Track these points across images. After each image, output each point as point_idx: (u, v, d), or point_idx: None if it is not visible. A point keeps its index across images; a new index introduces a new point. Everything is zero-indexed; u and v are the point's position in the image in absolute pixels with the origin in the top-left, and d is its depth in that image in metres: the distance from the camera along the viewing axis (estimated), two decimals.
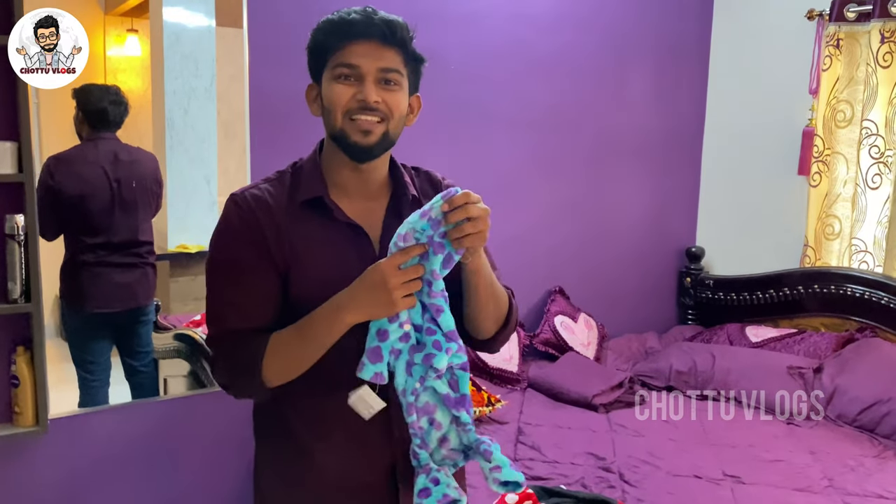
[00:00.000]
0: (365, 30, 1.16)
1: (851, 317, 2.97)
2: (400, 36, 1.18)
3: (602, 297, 3.28)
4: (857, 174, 2.94)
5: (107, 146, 2.26)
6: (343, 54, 1.17)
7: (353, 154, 1.19)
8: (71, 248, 2.24)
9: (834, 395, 2.57)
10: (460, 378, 1.15)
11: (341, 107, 1.17)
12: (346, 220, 1.20)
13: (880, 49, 2.84)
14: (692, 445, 2.33)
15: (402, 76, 1.20)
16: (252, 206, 1.18)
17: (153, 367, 2.46)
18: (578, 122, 3.14)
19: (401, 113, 1.20)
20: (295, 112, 2.47)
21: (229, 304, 1.18)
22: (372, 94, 1.16)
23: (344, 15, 1.18)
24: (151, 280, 2.38)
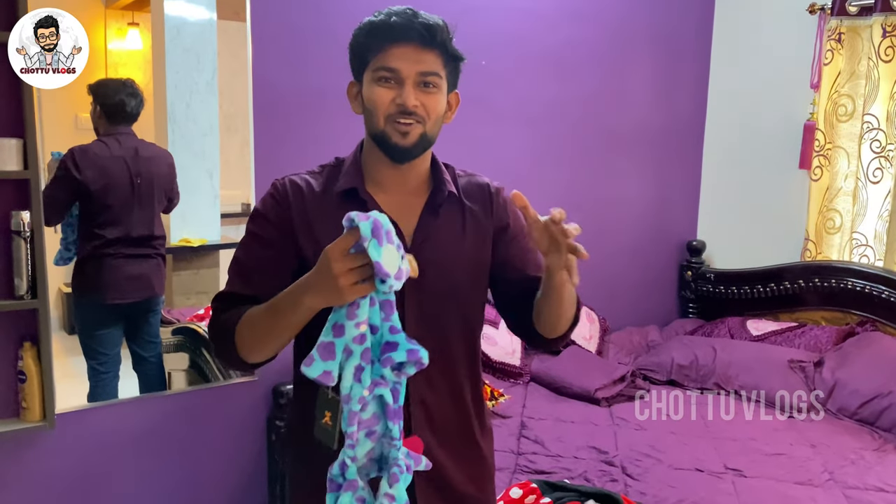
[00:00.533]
0: (405, 33, 1.19)
1: (852, 310, 2.98)
2: (440, 39, 1.20)
3: (604, 290, 3.29)
4: (858, 168, 2.95)
5: (128, 142, 2.29)
6: (383, 57, 1.20)
7: (393, 155, 1.22)
8: (88, 240, 2.26)
9: (834, 389, 2.59)
10: (401, 388, 1.07)
11: (382, 110, 1.20)
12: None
13: (882, 43, 2.85)
14: (693, 439, 2.34)
15: (440, 78, 1.22)
16: (287, 191, 1.25)
17: (161, 358, 2.48)
18: (579, 115, 3.14)
19: (438, 114, 1.23)
20: (298, 105, 2.48)
21: (237, 270, 1.25)
22: (411, 98, 1.19)
23: (385, 17, 1.21)
24: (163, 270, 2.43)
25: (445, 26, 1.22)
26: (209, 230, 2.52)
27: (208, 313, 2.54)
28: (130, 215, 2.32)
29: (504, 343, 2.78)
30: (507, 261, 1.31)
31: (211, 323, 1.23)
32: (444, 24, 1.22)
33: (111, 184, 2.28)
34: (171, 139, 2.37)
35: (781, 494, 2.00)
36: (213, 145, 2.49)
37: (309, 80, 2.47)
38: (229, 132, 2.49)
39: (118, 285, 2.36)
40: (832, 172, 3.04)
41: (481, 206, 1.31)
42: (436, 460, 1.22)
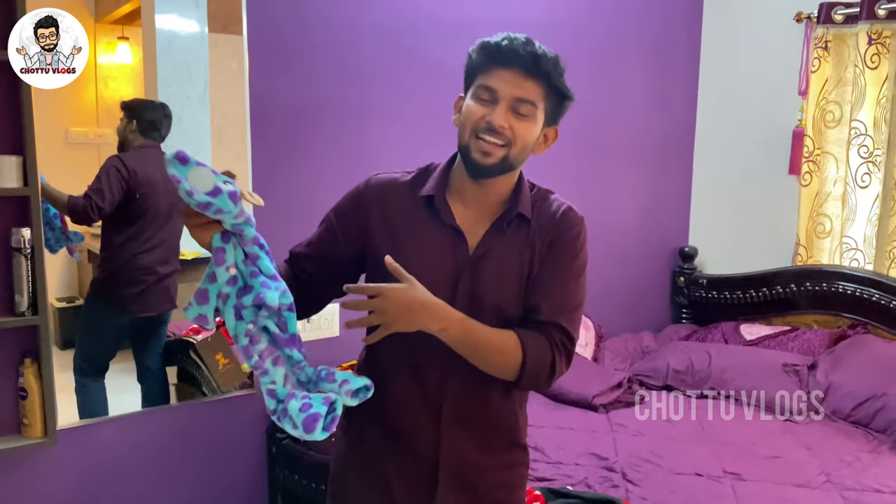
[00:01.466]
0: (510, 57, 1.25)
1: (843, 314, 3.02)
2: (544, 69, 1.26)
3: (598, 297, 3.31)
4: (847, 173, 3.00)
5: (160, 155, 2.32)
6: (487, 77, 1.27)
7: (471, 170, 1.29)
8: (126, 250, 2.32)
9: (828, 392, 2.62)
10: (288, 319, 1.18)
11: (471, 124, 1.27)
12: (450, 223, 1.31)
13: (868, 51, 2.90)
14: (692, 444, 2.37)
15: (535, 108, 1.27)
16: (372, 187, 1.37)
17: (164, 370, 2.49)
18: (573, 126, 3.16)
19: (526, 142, 1.28)
20: (294, 117, 2.50)
21: (309, 240, 1.41)
22: (500, 118, 1.24)
23: (499, 40, 1.27)
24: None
25: (555, 59, 1.28)
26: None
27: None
28: (166, 227, 2.37)
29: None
30: (532, 281, 1.33)
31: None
32: (553, 57, 1.28)
33: (153, 192, 2.32)
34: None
35: (780, 497, 2.03)
36: (206, 159, 2.42)
37: (305, 91, 2.49)
38: (220, 145, 2.49)
39: (146, 298, 2.40)
40: (821, 178, 3.09)
41: (548, 228, 1.35)
42: (468, 462, 1.33)
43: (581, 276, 1.35)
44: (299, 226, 2.49)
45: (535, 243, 1.33)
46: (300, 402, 1.15)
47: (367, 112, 2.59)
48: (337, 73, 2.54)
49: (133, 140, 2.28)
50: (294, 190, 2.49)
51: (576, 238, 1.34)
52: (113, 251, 2.33)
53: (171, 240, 2.41)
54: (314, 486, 2.26)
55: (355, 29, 2.56)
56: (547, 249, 1.33)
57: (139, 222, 2.33)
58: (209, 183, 1.10)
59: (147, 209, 2.33)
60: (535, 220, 1.34)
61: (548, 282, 1.31)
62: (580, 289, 1.35)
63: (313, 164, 2.52)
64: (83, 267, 2.35)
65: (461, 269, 1.30)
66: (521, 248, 1.32)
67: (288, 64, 2.46)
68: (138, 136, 2.28)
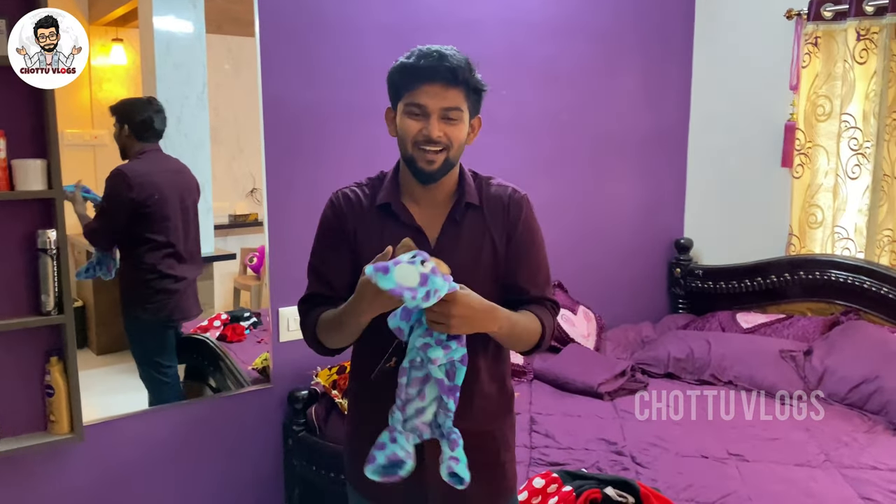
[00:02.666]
0: (431, 75, 1.38)
1: (836, 301, 3.12)
2: (462, 78, 1.39)
3: (598, 290, 3.41)
4: (838, 165, 3.09)
5: (162, 158, 2.36)
6: (413, 94, 1.40)
7: (420, 178, 1.44)
8: (147, 261, 2.36)
9: (824, 376, 2.72)
10: (458, 370, 1.29)
11: (410, 138, 1.41)
12: (410, 224, 1.45)
13: (856, 46, 2.99)
14: (696, 428, 2.45)
15: (462, 111, 1.42)
16: (342, 204, 1.50)
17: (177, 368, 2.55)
18: (571, 123, 3.25)
19: (460, 141, 1.44)
20: (307, 118, 2.54)
21: (317, 277, 1.51)
22: (435, 130, 1.39)
23: (416, 60, 1.39)
24: None
25: (468, 65, 1.41)
26: (204, 242, 2.57)
27: (212, 324, 2.69)
28: (185, 232, 2.41)
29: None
30: (505, 265, 1.49)
31: (301, 323, 1.51)
32: (466, 64, 1.41)
33: (165, 201, 2.35)
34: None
35: (783, 476, 2.12)
36: (205, 158, 2.54)
37: (316, 91, 2.54)
38: (216, 144, 2.54)
39: (184, 306, 2.50)
40: (813, 170, 3.18)
41: (500, 213, 1.49)
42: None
43: (543, 247, 1.55)
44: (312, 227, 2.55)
45: (489, 228, 1.48)
46: (385, 438, 1.31)
47: (378, 112, 2.62)
48: (348, 73, 2.59)
49: (131, 145, 2.31)
50: (307, 192, 2.53)
51: (529, 218, 1.52)
52: (138, 265, 2.37)
53: (192, 239, 2.45)
54: (332, 476, 2.33)
55: (365, 27, 2.61)
56: (509, 236, 1.49)
57: (159, 231, 2.37)
58: (414, 275, 1.18)
59: (161, 215, 2.36)
60: (486, 206, 1.49)
61: (525, 265, 1.50)
62: (546, 258, 1.55)
63: (326, 166, 2.57)
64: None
65: None
66: (478, 233, 1.48)
67: (300, 65, 2.50)
68: (135, 141, 2.31)
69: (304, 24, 2.50)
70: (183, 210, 2.42)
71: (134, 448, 2.32)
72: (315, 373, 2.56)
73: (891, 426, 2.46)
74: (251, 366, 2.64)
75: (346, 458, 1.63)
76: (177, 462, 2.41)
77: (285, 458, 2.59)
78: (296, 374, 2.58)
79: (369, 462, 1.31)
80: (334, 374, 2.51)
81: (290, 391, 2.53)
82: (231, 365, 2.65)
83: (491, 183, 1.54)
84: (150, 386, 2.44)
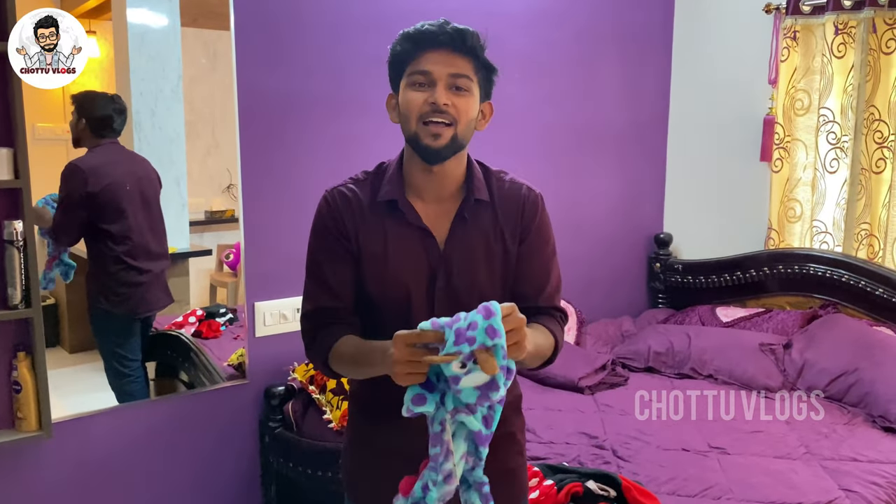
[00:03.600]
0: (437, 38, 1.26)
1: (814, 295, 3.12)
2: (470, 44, 1.28)
3: (578, 284, 3.38)
4: (816, 159, 3.10)
5: (118, 150, 2.30)
6: (417, 62, 1.28)
7: (425, 156, 1.29)
8: (110, 255, 2.31)
9: (803, 369, 2.72)
10: (496, 413, 1.13)
11: (415, 111, 1.27)
12: (416, 224, 1.32)
13: (834, 40, 3.00)
14: (676, 421, 2.44)
15: (472, 82, 1.29)
16: (339, 204, 1.34)
17: (144, 365, 2.50)
18: (548, 115, 3.23)
19: (469, 117, 1.29)
20: (282, 109, 2.50)
21: (320, 286, 1.34)
22: (442, 96, 1.25)
23: (419, 27, 1.28)
24: None
25: (477, 35, 1.30)
26: (178, 238, 2.54)
27: (186, 320, 2.64)
28: (147, 224, 2.36)
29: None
30: (515, 270, 1.38)
31: (307, 344, 1.36)
32: (475, 32, 1.30)
33: (122, 193, 2.30)
34: (137, 147, 2.37)
35: (764, 469, 2.11)
36: (180, 152, 2.50)
37: (293, 84, 2.49)
38: (191, 139, 2.51)
39: (149, 298, 2.44)
40: (791, 164, 3.19)
41: (514, 212, 1.37)
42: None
43: (555, 253, 1.43)
44: (288, 220, 2.54)
45: (502, 228, 1.36)
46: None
47: (355, 104, 2.61)
48: (325, 65, 2.55)
49: (86, 138, 2.26)
50: (283, 185, 2.50)
51: (544, 221, 1.41)
52: (101, 257, 2.33)
53: (155, 230, 2.40)
54: (309, 473, 2.29)
55: (342, 18, 2.57)
56: (521, 238, 1.37)
57: (116, 223, 2.32)
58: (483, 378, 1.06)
59: (117, 208, 2.31)
60: (499, 204, 1.37)
61: (536, 271, 1.38)
62: (557, 265, 1.43)
63: (302, 158, 2.53)
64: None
65: (435, 266, 1.33)
66: (488, 233, 1.35)
67: (276, 56, 2.46)
68: (90, 136, 2.26)
69: (280, 13, 2.45)
70: (144, 202, 2.36)
71: (105, 446, 2.27)
72: (292, 368, 2.51)
73: (869, 418, 2.47)
74: (227, 362, 2.59)
75: (346, 475, 1.50)
76: (149, 460, 2.35)
77: (262, 455, 2.55)
78: (272, 370, 2.54)
79: None
80: (311, 370, 2.47)
81: (267, 387, 2.48)
82: (206, 361, 2.60)
83: (504, 178, 1.40)
84: (112, 380, 2.39)
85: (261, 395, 2.52)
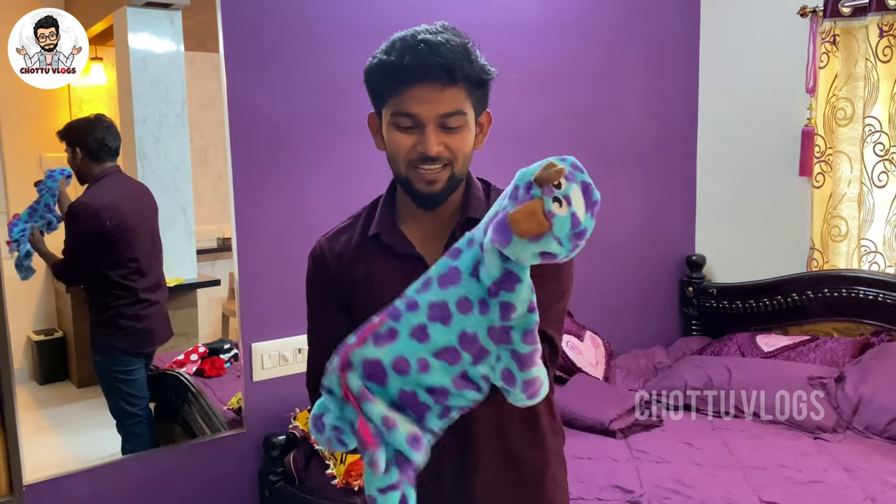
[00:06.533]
0: (421, 75, 1.06)
1: (864, 320, 2.87)
2: (462, 73, 1.08)
3: (604, 312, 3.15)
4: (862, 173, 2.85)
5: (123, 181, 2.24)
6: (400, 101, 1.10)
7: (420, 202, 1.15)
8: (116, 290, 2.23)
9: (859, 406, 2.46)
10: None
11: (403, 155, 1.12)
12: (408, 252, 1.17)
13: (879, 43, 2.76)
14: (720, 469, 2.19)
15: (465, 114, 1.11)
16: (326, 257, 1.24)
17: (150, 411, 2.36)
18: (570, 132, 3.01)
19: (466, 152, 1.14)
20: (275, 132, 2.32)
21: (318, 347, 1.22)
22: (433, 145, 1.09)
23: (397, 58, 1.07)
24: None
25: (466, 53, 1.09)
26: (185, 269, 2.44)
27: (188, 358, 2.49)
28: (153, 255, 2.28)
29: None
30: None
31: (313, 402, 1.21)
32: (464, 52, 1.09)
33: (133, 227, 2.24)
34: (141, 175, 2.29)
35: None
36: (186, 180, 2.42)
37: (289, 105, 2.32)
38: (201, 165, 2.42)
39: (154, 333, 2.35)
40: (834, 178, 2.94)
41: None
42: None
43: (568, 279, 1.24)
44: (287, 253, 2.36)
45: None
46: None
47: (353, 124, 2.41)
48: (321, 84, 2.37)
49: (88, 169, 2.18)
50: (277, 210, 2.32)
51: None
52: (106, 290, 2.23)
53: (159, 260, 2.33)
54: None
55: (339, 35, 2.39)
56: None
57: (126, 256, 2.24)
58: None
59: (129, 242, 2.25)
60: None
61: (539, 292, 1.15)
62: (566, 293, 1.24)
63: (297, 183, 2.35)
64: (61, 297, 2.25)
65: None
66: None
67: (269, 77, 2.29)
68: (91, 164, 2.18)
69: (272, 30, 2.28)
70: (150, 233, 2.30)
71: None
72: (293, 415, 2.31)
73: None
74: (227, 405, 2.42)
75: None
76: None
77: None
78: (272, 417, 2.33)
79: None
80: None
81: (266, 436, 2.27)
82: (206, 404, 2.44)
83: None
84: (119, 421, 2.26)
85: (260, 445, 2.31)
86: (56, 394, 2.07)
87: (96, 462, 2.13)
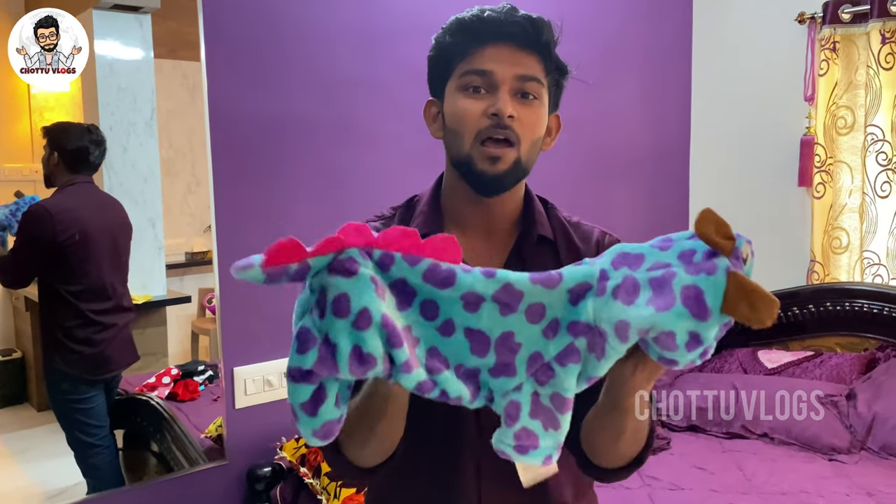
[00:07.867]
0: (502, 29, 0.96)
1: (868, 335, 2.79)
2: (545, 39, 0.98)
3: None
4: (864, 183, 2.79)
5: (92, 193, 2.12)
6: (474, 59, 0.98)
7: (479, 185, 0.99)
8: (69, 309, 2.10)
9: (873, 425, 2.36)
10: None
11: (471, 125, 0.96)
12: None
13: (881, 50, 2.70)
14: (740, 497, 2.07)
15: (542, 87, 1.00)
16: None
17: (114, 441, 2.20)
18: (565, 139, 2.88)
19: (536, 135, 1.00)
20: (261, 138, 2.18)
21: None
22: (507, 106, 0.94)
23: (478, 13, 0.97)
24: None
25: (551, 25, 0.99)
26: (154, 285, 2.34)
27: (160, 381, 2.33)
28: (116, 275, 2.15)
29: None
30: None
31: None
32: (549, 22, 0.99)
33: (91, 240, 2.10)
34: (107, 186, 2.19)
35: None
36: (155, 191, 2.32)
37: (273, 109, 2.17)
38: (170, 176, 2.34)
39: (110, 360, 2.19)
40: (835, 189, 2.87)
41: (582, 256, 1.01)
42: None
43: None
44: None
45: None
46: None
47: (343, 129, 2.27)
48: (309, 86, 2.22)
49: (59, 175, 2.08)
50: (262, 221, 2.17)
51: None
52: (57, 309, 2.09)
53: (120, 283, 2.19)
54: None
55: (328, 34, 2.25)
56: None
57: (79, 272, 2.10)
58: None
59: (85, 257, 2.10)
60: (564, 246, 1.08)
61: None
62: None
63: (283, 191, 2.20)
64: (20, 315, 2.17)
65: None
66: None
67: (253, 79, 2.14)
68: (64, 172, 2.07)
69: (255, 30, 2.13)
70: (113, 251, 2.15)
71: None
72: (279, 445, 2.14)
73: None
74: (204, 433, 2.27)
75: None
76: None
77: None
78: (256, 447, 2.16)
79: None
80: (302, 447, 2.09)
81: (250, 467, 2.12)
82: (181, 431, 2.29)
83: (570, 217, 1.12)
84: (77, 452, 2.11)
85: (243, 478, 2.14)
86: (14, 418, 2.01)
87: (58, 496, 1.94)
